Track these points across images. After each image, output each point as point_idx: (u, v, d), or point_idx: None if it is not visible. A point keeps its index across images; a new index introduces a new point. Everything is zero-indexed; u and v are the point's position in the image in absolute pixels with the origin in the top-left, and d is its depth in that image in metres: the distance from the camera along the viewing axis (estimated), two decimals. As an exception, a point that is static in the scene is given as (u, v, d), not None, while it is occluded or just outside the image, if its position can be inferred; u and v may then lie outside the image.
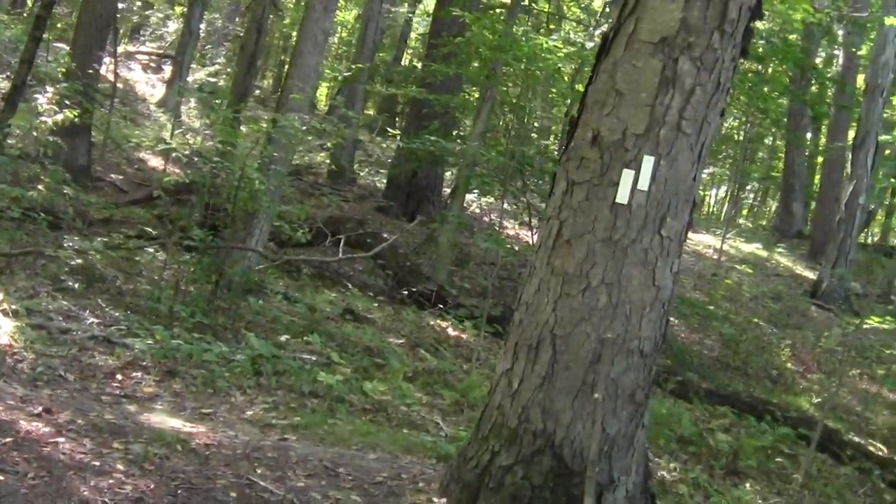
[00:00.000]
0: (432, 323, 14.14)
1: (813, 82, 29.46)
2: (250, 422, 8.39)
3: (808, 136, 34.57)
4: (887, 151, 31.48)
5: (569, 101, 19.37)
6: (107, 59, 19.93)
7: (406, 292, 14.98)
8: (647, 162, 6.12)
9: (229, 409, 8.68)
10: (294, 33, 29.86)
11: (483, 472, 6.32)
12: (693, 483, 9.87)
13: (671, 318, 17.82)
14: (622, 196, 6.12)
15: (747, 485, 10.58)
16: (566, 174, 6.34)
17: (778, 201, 37.64)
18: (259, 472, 6.69)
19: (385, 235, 16.18)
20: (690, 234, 23.99)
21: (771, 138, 40.48)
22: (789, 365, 17.83)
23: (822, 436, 12.16)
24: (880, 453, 13.60)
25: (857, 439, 13.96)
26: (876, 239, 37.36)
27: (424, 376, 11.25)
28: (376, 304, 14.49)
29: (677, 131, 6.15)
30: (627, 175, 6.12)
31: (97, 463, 6.15)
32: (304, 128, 13.08)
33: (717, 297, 20.77)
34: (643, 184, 6.12)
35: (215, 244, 12.01)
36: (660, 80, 6.12)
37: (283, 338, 11.08)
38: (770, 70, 20.76)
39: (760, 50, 17.77)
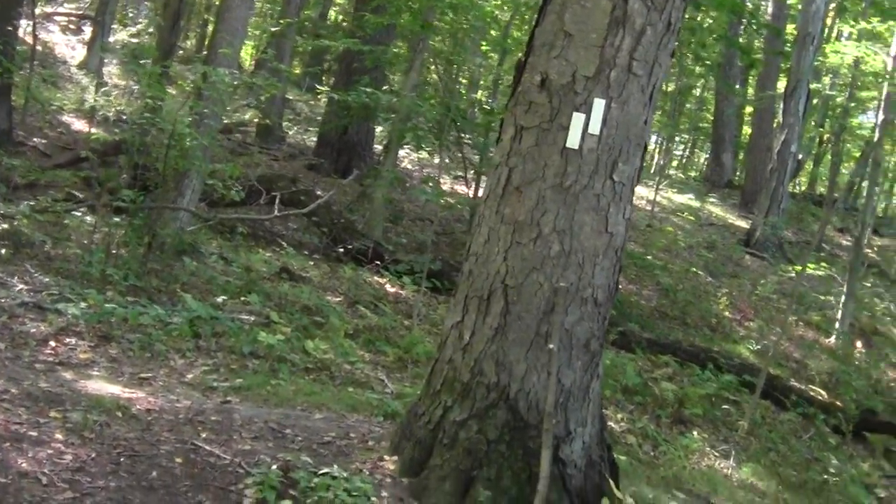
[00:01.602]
0: (370, 280, 13.91)
1: (744, 30, 29.42)
2: (191, 385, 8.16)
3: (737, 87, 34.61)
4: (815, 101, 31.66)
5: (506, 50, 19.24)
6: (24, 22, 19.33)
7: (342, 250, 14.73)
8: (598, 105, 5.95)
9: (169, 373, 8.44)
10: (218, -9, 29.28)
11: (436, 427, 6.16)
12: (641, 433, 9.81)
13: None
14: (573, 141, 5.95)
15: (694, 433, 10.53)
16: (514, 120, 6.16)
17: (708, 152, 37.72)
18: (203, 436, 6.48)
19: (319, 193, 15.93)
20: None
21: (700, 89, 40.53)
22: (727, 313, 17.82)
23: (764, 382, 12.16)
24: (821, 398, 13.62)
25: (798, 385, 13.97)
26: (804, 188, 37.58)
27: (366, 333, 11.04)
28: (312, 263, 14.22)
29: (628, 73, 6.00)
30: (578, 119, 5.95)
31: (34, 433, 5.90)
32: (235, 83, 12.73)
33: (657, 246, 20.72)
34: (594, 128, 5.96)
35: (146, 205, 11.67)
36: (609, 21, 5.96)
37: (220, 299, 10.79)
38: (708, 18, 20.64)
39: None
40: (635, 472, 8.66)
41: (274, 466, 5.92)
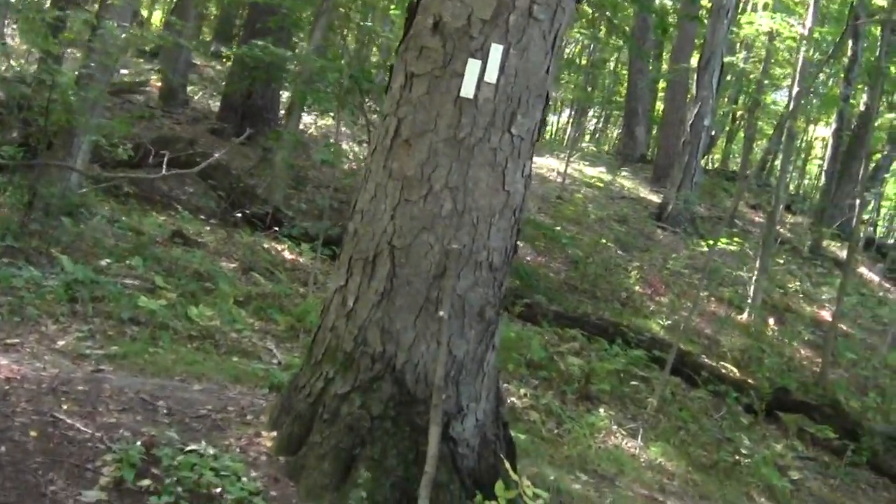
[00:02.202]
0: (267, 246, 13.34)
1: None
2: (62, 352, 7.56)
3: (651, 61, 34.42)
4: (729, 77, 31.52)
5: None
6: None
7: (239, 215, 14.16)
8: (495, 51, 5.45)
9: (39, 339, 7.82)
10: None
11: (316, 401, 5.65)
12: (545, 409, 9.38)
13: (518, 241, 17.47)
14: (467, 89, 5.44)
15: (601, 410, 10.12)
16: (404, 66, 5.64)
17: (621, 126, 37.48)
18: (65, 407, 5.90)
19: (216, 155, 15.30)
20: (534, 159, 23.61)
21: (614, 62, 40.34)
22: (637, 287, 17.49)
23: (676, 358, 11.79)
24: (732, 375, 13.32)
25: (709, 362, 13.65)
26: (717, 165, 37.53)
27: (258, 301, 10.46)
28: (208, 228, 13.63)
29: (528, 17, 5.51)
30: (473, 65, 5.44)
31: None
32: (124, 35, 12.05)
33: (567, 214, 20.37)
34: (491, 76, 5.46)
35: (27, 162, 10.99)
36: (509, -41, 5.46)
37: (105, 262, 10.17)
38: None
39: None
40: (537, 451, 8.24)
41: (137, 442, 5.37)
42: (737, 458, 10.00)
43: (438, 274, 5.46)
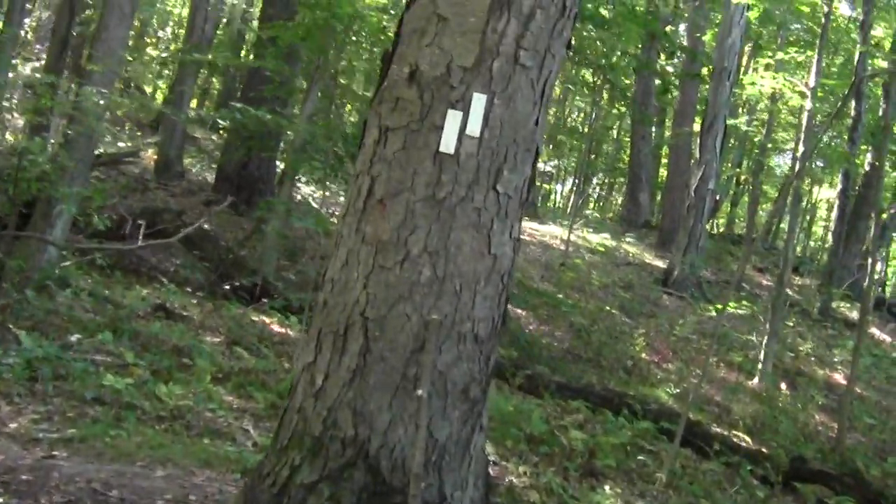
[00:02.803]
0: (255, 319, 12.77)
1: (661, 56, 28.70)
2: (12, 436, 6.96)
3: (653, 129, 34.15)
4: (733, 140, 31.17)
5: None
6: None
7: (228, 287, 13.61)
8: (478, 101, 4.93)
9: (-10, 423, 7.24)
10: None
11: (281, 492, 5.03)
12: (546, 488, 8.73)
13: (518, 309, 16.89)
14: (447, 144, 4.91)
15: (606, 487, 9.46)
16: (378, 119, 5.11)
17: (624, 193, 37.09)
18: (2, 501, 5.31)
19: (206, 227, 14.80)
20: (537, 226, 23.06)
21: (616, 129, 40.12)
22: (644, 355, 16.92)
23: (685, 429, 11.17)
24: (745, 444, 12.68)
25: (720, 431, 13.03)
26: (722, 229, 37.13)
27: (238, 377, 9.84)
28: (195, 301, 13.08)
29: (514, 64, 4.99)
30: (453, 117, 4.92)
31: None
32: (102, 102, 11.58)
33: (569, 281, 19.80)
34: (473, 128, 4.93)
35: (-5, 234, 10.48)
36: (492, 2, 4.95)
37: (75, 337, 9.61)
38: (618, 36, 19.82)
39: (607, 14, 16.80)
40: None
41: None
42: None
43: (417, 348, 4.90)
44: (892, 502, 11.60)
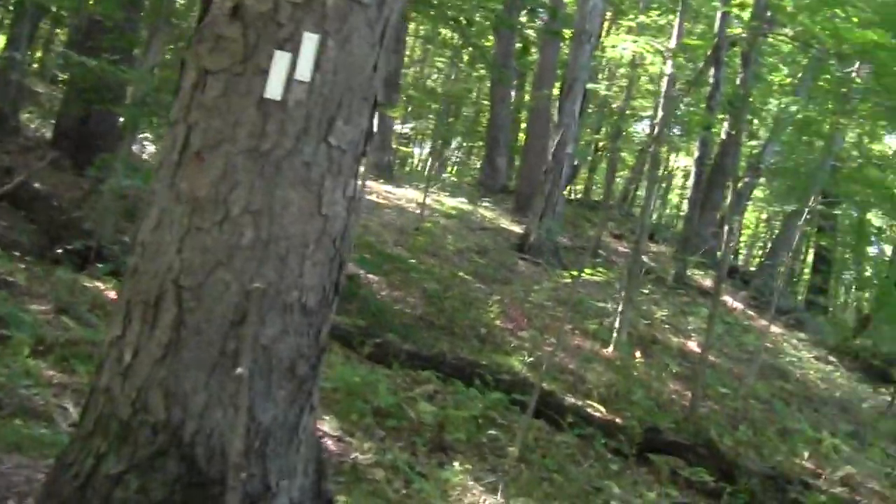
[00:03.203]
0: (89, 285, 11.94)
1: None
2: None
3: (513, 93, 33.88)
4: (592, 107, 31.02)
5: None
6: None
7: (60, 251, 12.75)
8: (309, 41, 4.37)
9: None
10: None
11: (85, 483, 4.43)
12: (391, 466, 8.24)
13: (371, 275, 16.34)
14: (273, 89, 4.35)
15: (456, 463, 9.00)
16: (197, 60, 4.51)
17: (482, 157, 36.75)
18: None
19: (38, 187, 13.94)
20: (393, 189, 22.46)
21: (476, 92, 39.76)
22: (498, 322, 16.49)
23: (538, 400, 10.78)
24: (600, 415, 12.37)
25: (574, 402, 12.69)
26: (580, 196, 37.06)
27: (64, 349, 9.05)
28: (23, 266, 12.20)
29: (351, 1, 4.42)
30: (281, 59, 4.35)
31: None
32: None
33: (419, 244, 19.30)
34: (303, 72, 4.37)
35: None
36: (325, -71, 4.39)
37: None
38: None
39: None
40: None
41: None
42: (608, 512, 9.03)
43: (237, 320, 4.33)
44: (745, 472, 11.40)
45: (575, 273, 16.13)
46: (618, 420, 12.44)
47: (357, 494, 7.39)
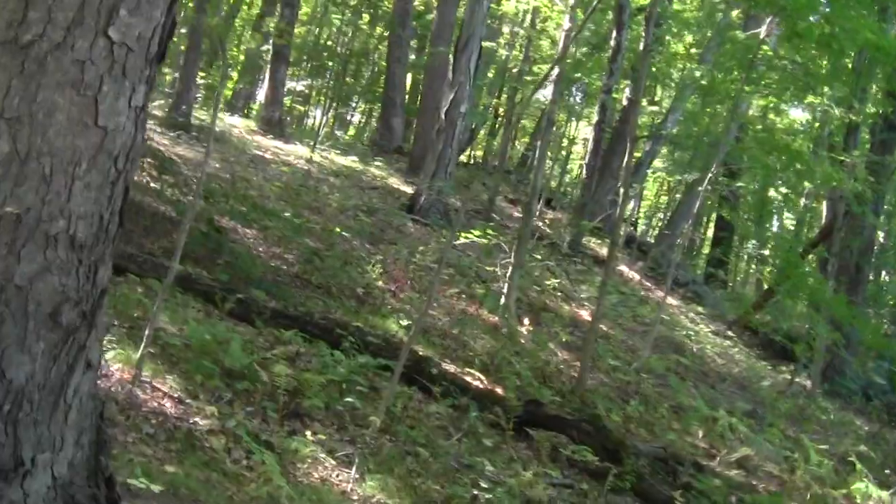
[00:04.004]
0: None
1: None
2: None
3: (412, 55, 33.08)
4: (492, 72, 30.29)
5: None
6: None
7: None
8: None
9: None
10: None
11: None
12: (233, 434, 7.39)
13: (248, 229, 15.40)
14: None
15: (309, 433, 8.16)
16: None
17: (378, 117, 35.84)
18: None
19: None
20: (282, 145, 21.41)
21: (375, 52, 38.87)
22: (380, 283, 15.65)
23: (411, 365, 10.00)
24: (479, 384, 11.61)
25: (452, 369, 11.92)
26: (479, 160, 36.30)
27: None
28: None
29: None
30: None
31: None
32: None
33: (302, 202, 18.37)
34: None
35: None
36: None
37: None
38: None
39: None
40: (210, 494, 6.27)
41: None
42: (475, 492, 8.22)
43: (-19, 253, 3.46)
44: (633, 452, 10.73)
45: (460, 234, 15.36)
46: (498, 391, 11.72)
47: (189, 465, 6.56)
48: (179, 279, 10.83)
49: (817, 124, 26.62)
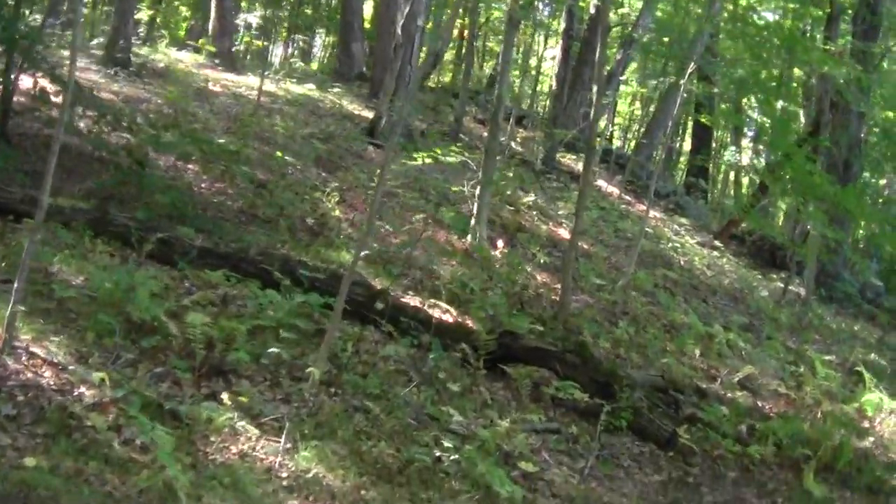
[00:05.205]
0: None
1: None
2: None
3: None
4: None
5: None
6: None
7: None
8: None
9: None
10: None
11: None
12: (121, 408, 5.81)
13: (189, 164, 13.73)
14: None
15: (226, 395, 6.56)
16: None
17: (336, 44, 34.08)
18: None
19: None
20: (234, 77, 19.82)
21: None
22: (337, 212, 14.06)
23: (364, 301, 8.47)
24: (448, 320, 10.08)
25: (415, 302, 10.39)
26: (446, 84, 34.79)
27: None
28: None
29: None
30: None
31: None
32: None
33: (249, 131, 16.70)
34: None
35: None
36: None
37: None
38: None
39: None
40: (79, 493, 4.73)
41: None
42: (438, 454, 6.67)
43: None
44: (626, 384, 9.25)
45: (425, 154, 13.78)
46: (469, 323, 10.19)
47: (57, 452, 5.02)
48: (91, 221, 9.30)
49: (789, 22, 25.04)
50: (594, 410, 8.89)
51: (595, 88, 15.80)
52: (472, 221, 14.76)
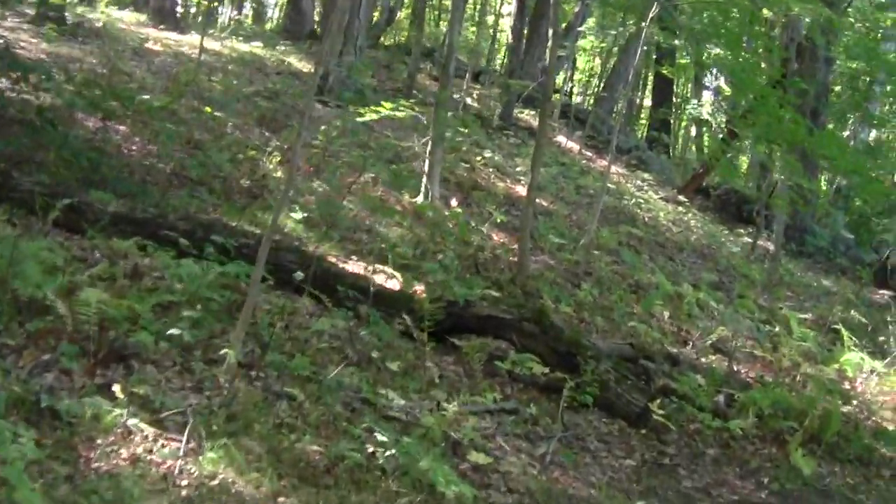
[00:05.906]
0: None
1: None
2: None
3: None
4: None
5: None
6: None
7: None
8: None
9: None
10: None
11: None
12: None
13: (119, 126, 12.66)
14: None
15: (117, 387, 5.54)
16: None
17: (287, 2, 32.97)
18: None
19: None
20: (178, 36, 18.78)
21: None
22: (279, 173, 13.08)
23: (295, 267, 7.51)
24: (395, 285, 9.18)
25: (356, 269, 9.45)
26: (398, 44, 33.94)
27: None
28: None
29: None
30: None
31: None
32: None
33: (180, 91, 15.62)
34: None
35: None
36: None
37: None
38: None
39: None
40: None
41: None
42: (372, 449, 5.72)
43: None
44: (591, 354, 8.36)
45: (372, 109, 12.83)
46: (417, 290, 9.26)
47: None
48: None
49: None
50: (556, 386, 8.02)
51: (551, 37, 14.97)
52: (424, 179, 13.85)
